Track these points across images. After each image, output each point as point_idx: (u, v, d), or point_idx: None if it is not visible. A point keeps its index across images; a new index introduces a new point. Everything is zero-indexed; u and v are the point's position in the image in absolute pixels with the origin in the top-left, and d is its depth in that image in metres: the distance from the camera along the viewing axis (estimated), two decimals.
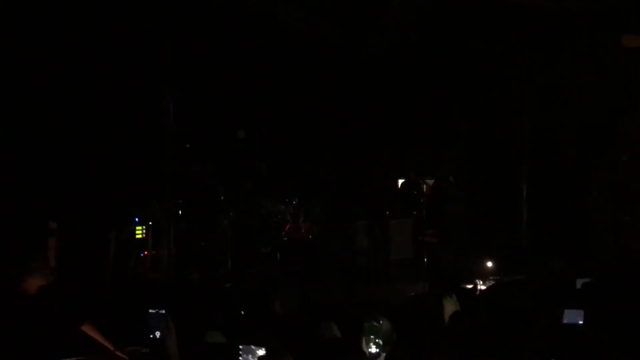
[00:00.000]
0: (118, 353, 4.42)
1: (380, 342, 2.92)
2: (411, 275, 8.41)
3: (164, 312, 2.73)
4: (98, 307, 5.44)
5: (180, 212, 9.05)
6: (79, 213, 6.90)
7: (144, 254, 7.35)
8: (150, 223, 7.72)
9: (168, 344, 2.69)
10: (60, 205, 6.91)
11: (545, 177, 9.67)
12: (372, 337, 2.90)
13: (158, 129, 8.27)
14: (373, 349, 2.89)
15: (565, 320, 3.03)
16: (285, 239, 10.16)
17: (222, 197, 10.21)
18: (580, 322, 3.02)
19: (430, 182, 11.15)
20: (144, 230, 7.53)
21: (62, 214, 6.77)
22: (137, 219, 7.53)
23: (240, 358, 1.86)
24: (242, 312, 5.25)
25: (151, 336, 2.69)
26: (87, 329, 4.48)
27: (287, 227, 10.43)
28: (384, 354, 2.93)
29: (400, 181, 10.92)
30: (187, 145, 10.43)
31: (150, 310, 2.74)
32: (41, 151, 6.91)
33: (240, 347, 1.87)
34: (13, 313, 4.09)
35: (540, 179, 9.65)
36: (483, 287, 7.67)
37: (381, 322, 3.05)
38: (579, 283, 4.93)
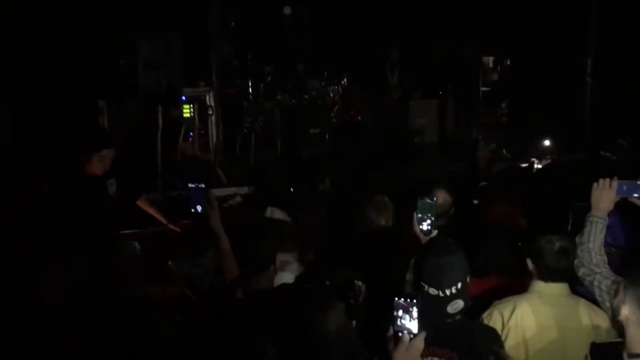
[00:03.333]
0: (171, 226, 4.59)
1: (434, 219, 2.78)
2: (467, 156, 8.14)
3: (203, 186, 2.67)
4: (150, 183, 5.56)
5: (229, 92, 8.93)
6: (126, 90, 6.87)
7: (192, 133, 7.34)
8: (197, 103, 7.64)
9: (210, 217, 2.65)
10: (107, 83, 6.87)
11: (613, 50, 8.96)
12: (427, 214, 2.75)
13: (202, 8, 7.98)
14: (425, 227, 2.76)
15: (618, 194, 2.78)
16: (335, 120, 9.99)
17: (269, 78, 10.03)
18: (636, 195, 2.76)
19: (489, 59, 10.63)
20: (192, 109, 7.47)
21: (110, 92, 6.74)
22: (184, 98, 7.43)
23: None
24: (291, 189, 5.26)
25: (192, 210, 2.66)
26: (142, 203, 4.62)
27: (336, 108, 10.22)
28: (436, 231, 2.80)
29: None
30: (232, 24, 10.11)
31: (190, 185, 2.69)
32: (91, 34, 6.77)
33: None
34: (73, 189, 4.18)
35: (607, 51, 8.96)
36: (539, 166, 7.42)
37: (435, 199, 2.89)
38: None
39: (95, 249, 3.54)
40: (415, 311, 1.84)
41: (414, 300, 1.84)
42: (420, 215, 2.79)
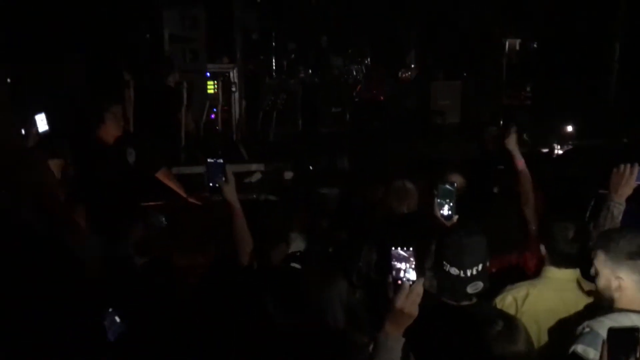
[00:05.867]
0: (191, 199, 4.64)
1: (453, 205, 2.84)
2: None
3: (221, 161, 2.74)
4: (171, 156, 5.65)
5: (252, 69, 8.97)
6: (152, 65, 6.94)
7: (215, 109, 7.40)
8: (222, 78, 7.72)
9: (226, 191, 2.72)
10: (133, 56, 6.94)
11: None
12: (447, 199, 2.81)
13: None
14: (446, 211, 2.82)
15: (637, 181, 2.80)
16: (357, 99, 9.99)
17: (292, 56, 10.04)
18: None
19: (515, 42, 10.49)
20: (216, 85, 7.54)
21: (136, 66, 6.82)
22: (208, 74, 7.50)
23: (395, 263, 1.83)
24: (310, 167, 5.33)
25: (210, 184, 2.73)
26: (161, 176, 4.66)
27: (359, 87, 10.21)
28: (456, 216, 2.85)
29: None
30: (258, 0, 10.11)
31: (208, 160, 2.76)
32: (118, 6, 6.80)
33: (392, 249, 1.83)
34: (92, 161, 4.24)
35: (635, 37, 8.78)
36: (560, 152, 7.35)
37: (455, 184, 2.94)
38: None
39: (116, 219, 3.60)
40: (413, 260, 1.86)
41: (411, 250, 1.87)
42: (440, 200, 2.85)
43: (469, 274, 2.38)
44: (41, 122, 3.70)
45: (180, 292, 2.25)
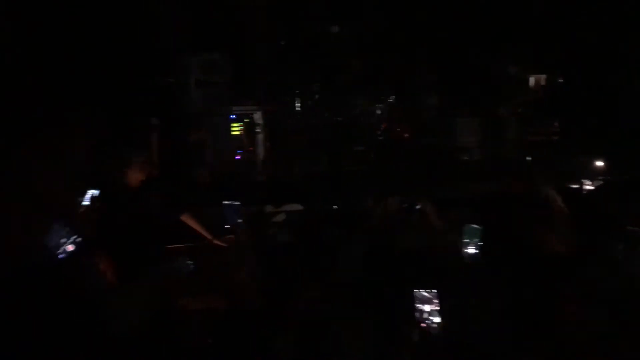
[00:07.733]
0: (216, 241, 4.65)
1: (479, 244, 2.84)
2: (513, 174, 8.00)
3: (238, 203, 2.78)
4: (197, 198, 5.69)
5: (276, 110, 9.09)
6: (178, 109, 7.09)
7: (240, 151, 7.50)
8: (247, 120, 7.83)
9: (242, 235, 2.75)
10: (160, 101, 7.09)
11: None
12: (473, 239, 2.82)
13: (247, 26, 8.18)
14: (471, 250, 2.83)
15: None
16: (381, 138, 10.02)
17: (316, 96, 10.17)
18: None
19: (541, 77, 10.48)
20: (241, 127, 7.66)
21: (163, 111, 6.97)
22: (234, 116, 7.63)
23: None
24: (335, 207, 5.31)
25: (226, 226, 2.77)
26: (186, 218, 4.69)
27: (383, 126, 10.25)
28: (481, 254, 2.84)
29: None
30: (282, 43, 10.32)
31: (224, 202, 2.80)
32: (145, 54, 7.00)
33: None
34: (118, 206, 4.29)
35: None
36: (590, 188, 7.21)
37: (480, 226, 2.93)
38: None
39: (142, 263, 3.62)
40: (436, 302, 1.85)
41: (435, 291, 1.87)
42: (467, 239, 2.85)
43: None
44: (89, 197, 3.70)
45: (194, 337, 2.24)
